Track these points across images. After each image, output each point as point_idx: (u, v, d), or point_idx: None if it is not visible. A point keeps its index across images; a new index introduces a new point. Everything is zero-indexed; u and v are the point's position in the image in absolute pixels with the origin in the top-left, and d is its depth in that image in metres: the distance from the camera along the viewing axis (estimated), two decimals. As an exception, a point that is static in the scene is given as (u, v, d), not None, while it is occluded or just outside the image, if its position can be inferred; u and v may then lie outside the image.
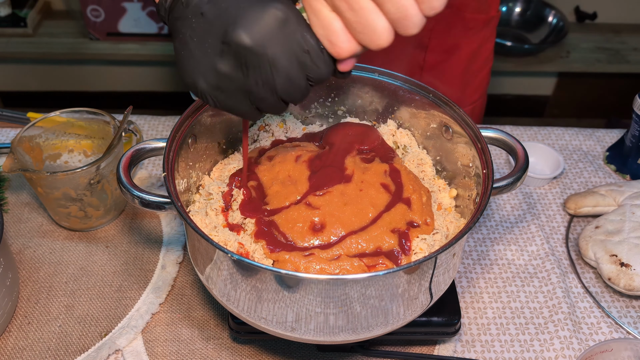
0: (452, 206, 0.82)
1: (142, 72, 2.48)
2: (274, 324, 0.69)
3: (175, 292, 0.89)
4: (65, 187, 0.87)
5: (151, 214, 0.99)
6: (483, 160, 0.75)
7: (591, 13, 2.36)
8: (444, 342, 0.83)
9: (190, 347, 0.82)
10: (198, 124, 0.80)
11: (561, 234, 0.99)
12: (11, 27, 2.21)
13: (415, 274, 0.66)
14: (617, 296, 0.90)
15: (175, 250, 0.94)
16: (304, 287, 0.64)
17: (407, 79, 0.84)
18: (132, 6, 2.15)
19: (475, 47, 1.16)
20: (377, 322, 0.69)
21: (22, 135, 0.90)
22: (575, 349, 0.83)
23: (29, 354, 0.80)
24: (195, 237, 0.69)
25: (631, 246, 0.89)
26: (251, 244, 0.73)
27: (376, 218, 0.74)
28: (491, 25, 1.16)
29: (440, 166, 0.87)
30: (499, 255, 0.95)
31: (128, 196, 0.71)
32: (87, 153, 0.98)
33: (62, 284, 0.89)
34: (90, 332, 0.83)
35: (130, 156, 0.74)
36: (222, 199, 0.79)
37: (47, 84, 2.51)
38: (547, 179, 1.05)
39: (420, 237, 0.74)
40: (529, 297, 0.89)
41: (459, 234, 0.66)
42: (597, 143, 1.17)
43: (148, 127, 1.16)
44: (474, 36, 1.14)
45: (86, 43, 2.23)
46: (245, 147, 0.77)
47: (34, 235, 0.95)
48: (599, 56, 2.26)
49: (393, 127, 0.90)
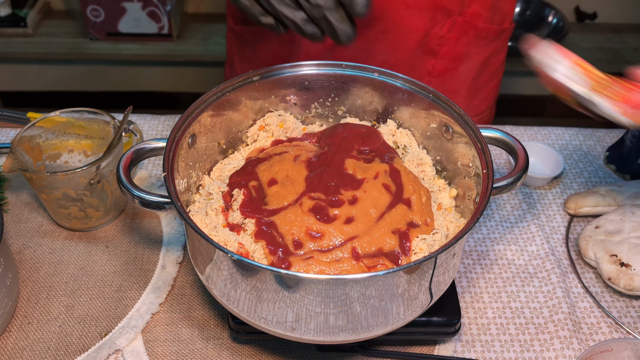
0: (452, 206, 0.82)
1: (142, 72, 2.48)
2: (274, 324, 0.69)
3: (175, 292, 0.89)
4: (65, 187, 0.87)
5: (151, 214, 0.99)
6: (483, 160, 0.75)
7: (591, 13, 2.36)
8: (444, 342, 0.83)
9: (190, 347, 0.82)
10: (198, 124, 0.80)
11: (561, 234, 0.99)
12: (11, 27, 2.22)
13: (415, 274, 0.66)
14: (617, 296, 0.90)
15: (175, 250, 0.94)
16: (304, 287, 0.64)
17: (407, 79, 0.84)
18: (132, 6, 2.15)
19: (486, 57, 1.17)
20: (377, 322, 0.69)
21: (22, 135, 0.90)
22: (575, 349, 0.83)
23: (29, 354, 0.80)
24: (195, 237, 0.69)
25: (631, 246, 0.89)
26: (251, 244, 0.73)
27: (377, 219, 0.74)
28: (503, 37, 1.16)
29: (440, 166, 0.87)
30: (499, 255, 0.95)
31: (128, 196, 0.71)
32: (87, 153, 0.98)
33: (62, 284, 0.89)
34: (90, 332, 0.83)
35: (130, 156, 0.74)
36: (222, 199, 0.79)
37: (47, 84, 2.51)
38: (547, 179, 1.05)
39: (420, 237, 0.74)
40: (529, 297, 0.89)
41: (459, 234, 0.66)
42: (597, 143, 1.17)
43: (148, 127, 1.16)
44: (485, 46, 1.14)
45: (86, 43, 2.24)
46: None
47: (34, 235, 0.95)
48: (599, 56, 2.26)
49: (393, 127, 0.90)
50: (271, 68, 0.85)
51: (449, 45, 1.11)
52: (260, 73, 0.85)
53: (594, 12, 2.35)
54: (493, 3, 1.08)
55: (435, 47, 1.11)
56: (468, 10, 1.07)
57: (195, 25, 2.34)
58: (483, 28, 1.11)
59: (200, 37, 2.29)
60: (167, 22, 2.19)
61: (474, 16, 1.08)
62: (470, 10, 1.07)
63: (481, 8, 1.08)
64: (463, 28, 1.09)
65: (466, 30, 1.10)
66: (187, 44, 2.26)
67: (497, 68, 1.23)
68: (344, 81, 0.88)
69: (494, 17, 1.11)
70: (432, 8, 1.05)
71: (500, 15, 1.12)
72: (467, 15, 1.08)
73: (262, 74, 0.85)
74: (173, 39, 2.24)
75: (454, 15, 1.07)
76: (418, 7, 1.04)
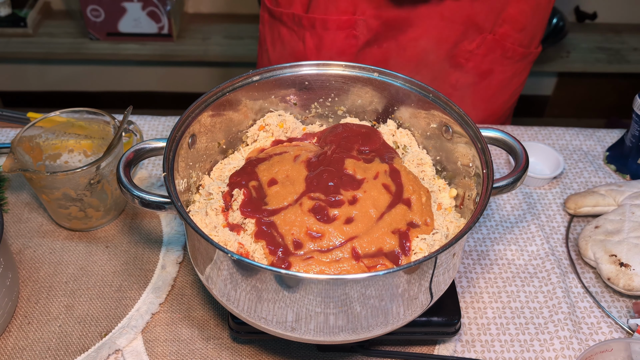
0: (452, 206, 0.82)
1: (142, 72, 2.48)
2: (274, 324, 0.69)
3: (175, 292, 0.89)
4: (65, 187, 0.87)
5: (151, 214, 0.99)
6: (483, 160, 0.75)
7: (591, 13, 2.35)
8: (444, 342, 0.83)
9: (190, 347, 0.82)
10: (198, 124, 0.80)
11: (561, 234, 0.99)
12: (11, 27, 2.21)
13: (415, 274, 0.66)
14: (617, 296, 0.90)
15: (175, 250, 0.94)
16: (304, 287, 0.64)
17: (407, 78, 0.84)
18: (132, 6, 2.15)
19: (509, 76, 1.18)
20: (377, 322, 0.69)
21: (22, 135, 0.90)
22: (575, 349, 0.83)
23: (29, 354, 0.80)
24: (195, 237, 0.69)
25: (630, 246, 0.89)
26: (251, 244, 0.73)
27: (377, 219, 0.74)
28: (528, 60, 1.18)
29: (440, 166, 0.87)
30: (499, 255, 0.95)
31: (128, 196, 0.71)
32: (87, 153, 0.98)
33: (62, 284, 0.89)
34: (90, 332, 0.83)
35: (130, 156, 0.74)
36: (222, 199, 0.79)
37: (47, 84, 2.51)
38: (547, 179, 1.05)
39: (420, 237, 0.74)
40: (529, 297, 0.89)
41: (459, 234, 0.66)
42: (597, 143, 1.17)
43: (148, 127, 1.16)
44: (509, 66, 1.16)
45: (86, 43, 2.23)
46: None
47: (34, 235, 0.95)
48: (599, 56, 2.26)
49: (393, 127, 0.90)
50: (271, 68, 0.85)
51: (476, 60, 1.13)
52: (260, 73, 0.85)
53: (594, 12, 2.35)
54: (524, 26, 1.10)
55: (462, 61, 1.13)
56: (500, 29, 1.10)
57: (195, 25, 2.34)
58: (510, 48, 1.13)
59: (200, 37, 2.29)
60: (167, 22, 2.19)
61: (504, 36, 1.11)
62: (502, 30, 1.10)
63: (512, 29, 1.10)
64: (491, 46, 1.11)
65: (494, 48, 1.12)
66: (187, 44, 2.26)
67: (517, 88, 1.25)
68: (344, 81, 0.88)
69: (523, 39, 1.13)
70: (466, 23, 1.07)
71: (529, 39, 1.14)
72: (497, 34, 1.10)
73: (262, 74, 0.85)
74: (173, 39, 2.24)
75: (485, 32, 1.09)
76: (452, 19, 1.07)
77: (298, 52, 1.16)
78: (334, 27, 1.10)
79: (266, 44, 1.23)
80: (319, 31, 1.11)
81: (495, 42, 1.11)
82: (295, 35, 1.15)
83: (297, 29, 1.14)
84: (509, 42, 1.12)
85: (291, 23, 1.14)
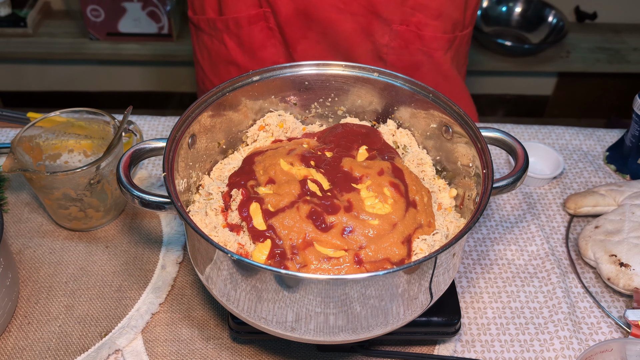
0: (452, 206, 0.82)
1: (142, 72, 2.48)
2: (274, 324, 0.69)
3: (175, 292, 0.89)
4: (65, 187, 0.87)
5: (151, 214, 0.99)
6: (483, 160, 0.75)
7: (591, 13, 2.36)
8: (444, 342, 0.83)
9: (190, 347, 0.82)
10: (198, 124, 0.80)
11: (561, 234, 0.99)
12: (11, 27, 2.21)
13: (415, 274, 0.66)
14: (617, 296, 0.90)
15: (175, 250, 0.94)
16: (304, 287, 0.64)
17: (407, 79, 0.85)
18: (132, 6, 2.15)
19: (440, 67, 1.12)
20: (377, 322, 0.69)
21: (22, 135, 0.90)
22: (575, 349, 0.83)
23: (29, 354, 0.80)
24: (195, 237, 0.69)
25: (630, 246, 0.89)
26: (251, 244, 0.73)
27: (391, 230, 0.73)
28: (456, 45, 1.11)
29: (440, 166, 0.87)
30: (499, 255, 0.95)
31: (128, 196, 0.71)
32: (87, 153, 0.98)
33: (62, 284, 0.89)
34: (90, 332, 0.83)
35: (130, 156, 0.74)
36: (221, 199, 0.79)
37: (47, 84, 2.51)
38: (547, 179, 1.05)
39: (420, 237, 0.74)
40: (529, 297, 0.89)
41: (459, 234, 0.66)
42: (597, 143, 1.16)
43: (148, 127, 1.16)
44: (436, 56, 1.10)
45: (86, 43, 2.23)
46: None
47: (34, 235, 0.95)
48: (599, 56, 2.26)
49: (393, 127, 0.90)
50: (271, 68, 0.85)
51: (395, 54, 1.08)
52: (260, 73, 0.85)
53: (594, 12, 2.35)
54: (440, 12, 1.04)
55: (383, 56, 1.09)
56: (412, 19, 1.04)
57: (195, 25, 2.34)
58: (432, 37, 1.06)
59: (200, 37, 2.29)
60: (167, 22, 2.19)
61: (419, 26, 1.04)
62: (415, 20, 1.04)
63: (427, 17, 1.04)
64: (408, 37, 1.05)
65: (411, 39, 1.06)
66: (187, 44, 2.26)
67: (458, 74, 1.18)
68: (344, 81, 0.88)
69: (444, 26, 1.06)
70: (365, 14, 1.03)
71: (452, 23, 1.08)
72: (411, 24, 1.04)
73: (262, 74, 0.85)
74: (173, 39, 2.24)
75: (393, 24, 1.04)
76: (348, 11, 1.02)
77: (223, 55, 1.16)
78: (246, 23, 1.09)
79: (196, 55, 1.24)
80: (235, 30, 1.10)
81: (410, 32, 1.04)
82: (215, 39, 1.15)
83: (214, 33, 1.14)
84: (428, 32, 1.05)
85: (209, 29, 1.14)
